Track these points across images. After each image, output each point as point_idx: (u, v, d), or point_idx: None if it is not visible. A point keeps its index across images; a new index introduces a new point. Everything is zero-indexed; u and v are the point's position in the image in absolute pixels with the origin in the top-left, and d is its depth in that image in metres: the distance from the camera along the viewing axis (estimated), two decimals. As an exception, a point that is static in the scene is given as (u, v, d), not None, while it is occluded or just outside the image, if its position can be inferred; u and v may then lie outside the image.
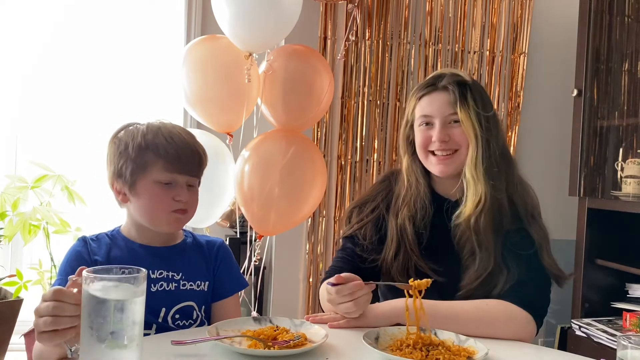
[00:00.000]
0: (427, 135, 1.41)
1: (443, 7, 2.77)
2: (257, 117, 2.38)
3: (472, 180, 1.36)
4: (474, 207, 1.36)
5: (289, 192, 2.20)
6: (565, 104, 2.67)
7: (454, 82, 1.38)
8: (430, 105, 1.40)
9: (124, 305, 0.86)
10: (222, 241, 1.45)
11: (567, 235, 2.45)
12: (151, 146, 1.26)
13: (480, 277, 1.34)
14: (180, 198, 1.28)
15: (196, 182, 1.34)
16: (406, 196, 1.45)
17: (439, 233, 1.42)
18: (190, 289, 1.33)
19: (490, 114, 1.39)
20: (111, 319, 0.86)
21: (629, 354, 0.98)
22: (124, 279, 0.88)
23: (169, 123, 1.34)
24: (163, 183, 1.27)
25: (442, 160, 1.40)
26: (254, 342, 1.10)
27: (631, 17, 2.44)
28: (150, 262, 1.29)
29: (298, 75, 2.25)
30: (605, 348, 2.12)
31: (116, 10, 2.87)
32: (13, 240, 2.58)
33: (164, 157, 1.26)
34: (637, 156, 2.31)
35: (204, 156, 1.35)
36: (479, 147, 1.36)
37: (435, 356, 1.07)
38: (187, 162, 1.29)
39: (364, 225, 1.47)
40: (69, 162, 2.74)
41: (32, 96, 2.83)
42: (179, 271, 1.33)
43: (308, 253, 2.75)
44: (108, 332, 0.86)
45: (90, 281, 0.87)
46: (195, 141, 1.34)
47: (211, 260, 1.40)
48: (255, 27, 2.11)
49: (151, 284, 1.28)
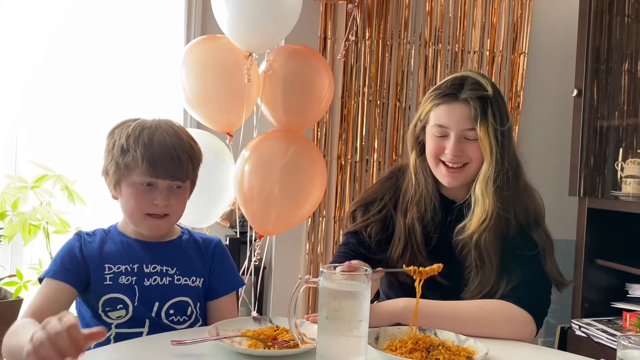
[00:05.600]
0: (440, 145, 1.38)
1: (443, 7, 2.77)
2: (257, 117, 2.38)
3: (481, 197, 1.35)
4: (479, 224, 1.35)
5: (288, 192, 2.20)
6: (565, 104, 2.67)
7: (477, 97, 1.33)
8: (447, 116, 1.36)
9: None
10: (219, 240, 1.45)
11: (567, 235, 2.45)
12: (131, 149, 1.26)
13: (482, 292, 1.34)
14: (157, 202, 1.27)
15: (181, 185, 1.32)
16: (415, 195, 1.44)
17: (446, 236, 1.41)
18: (184, 284, 1.33)
19: (506, 127, 1.36)
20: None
21: (629, 354, 0.98)
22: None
23: (159, 122, 1.32)
24: (143, 185, 1.27)
25: (451, 172, 1.38)
26: (254, 342, 1.10)
27: (631, 17, 2.44)
28: (144, 256, 1.31)
29: (298, 75, 2.25)
30: (605, 348, 2.12)
31: (116, 11, 2.87)
32: (13, 240, 2.58)
33: (142, 161, 1.25)
34: (637, 156, 2.31)
35: (190, 159, 1.32)
36: (492, 165, 1.34)
37: (435, 356, 1.07)
38: (165, 166, 1.27)
39: (370, 223, 1.45)
40: (69, 162, 2.74)
41: (32, 96, 2.82)
42: (173, 266, 1.33)
43: (308, 253, 2.75)
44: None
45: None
46: (180, 144, 1.30)
47: (207, 258, 1.40)
48: (255, 27, 2.11)
49: (144, 277, 1.29)
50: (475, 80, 1.37)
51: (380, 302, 1.36)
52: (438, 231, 1.41)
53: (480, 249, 1.35)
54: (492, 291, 1.34)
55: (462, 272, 1.38)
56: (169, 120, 1.35)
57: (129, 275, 1.29)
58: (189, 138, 1.35)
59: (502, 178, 1.35)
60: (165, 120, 1.34)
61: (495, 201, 1.35)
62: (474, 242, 1.35)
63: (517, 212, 1.38)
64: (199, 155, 1.36)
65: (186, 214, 2.29)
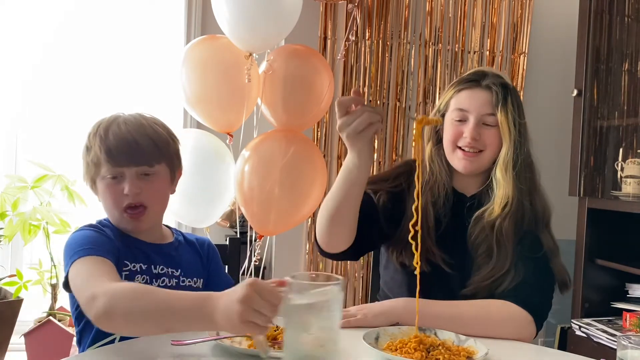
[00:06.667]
0: (459, 130, 1.40)
1: (443, 7, 2.77)
2: (257, 117, 2.38)
3: (503, 180, 1.37)
4: (501, 209, 1.36)
5: (289, 192, 2.20)
6: (565, 104, 2.66)
7: (499, 83, 1.38)
8: (469, 101, 1.40)
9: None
10: (209, 240, 1.46)
11: (567, 235, 2.45)
12: (93, 145, 1.25)
13: (493, 277, 1.34)
14: (127, 191, 1.22)
15: (150, 171, 1.26)
16: (429, 182, 1.45)
17: (454, 226, 1.42)
18: (189, 286, 1.33)
19: (523, 121, 1.41)
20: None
21: (629, 354, 0.98)
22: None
23: (120, 115, 1.29)
24: (111, 179, 1.24)
25: (468, 156, 1.40)
26: (253, 342, 1.09)
27: (631, 17, 2.44)
28: (153, 257, 1.29)
29: (298, 75, 2.25)
30: (605, 348, 2.12)
31: (116, 11, 2.87)
32: (13, 240, 2.58)
33: (101, 154, 1.23)
34: (637, 156, 2.31)
35: (154, 142, 1.26)
36: (511, 149, 1.37)
37: (435, 356, 1.07)
38: (124, 153, 1.22)
39: (380, 190, 1.44)
40: (69, 162, 2.74)
41: (33, 96, 2.83)
42: (177, 267, 1.32)
43: (308, 253, 2.75)
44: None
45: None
46: (140, 129, 1.25)
47: (204, 258, 1.40)
48: (255, 27, 2.11)
49: (154, 278, 1.27)
50: (496, 73, 1.43)
51: (379, 302, 1.36)
52: (448, 218, 1.42)
53: (500, 235, 1.36)
54: (501, 278, 1.34)
55: (468, 262, 1.38)
56: (137, 112, 1.31)
57: (144, 274, 1.26)
58: (154, 123, 1.30)
59: (521, 165, 1.38)
60: (133, 112, 1.31)
61: (515, 187, 1.37)
62: (496, 227, 1.36)
63: (533, 205, 1.40)
64: (166, 137, 1.30)
65: (186, 214, 2.32)
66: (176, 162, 1.34)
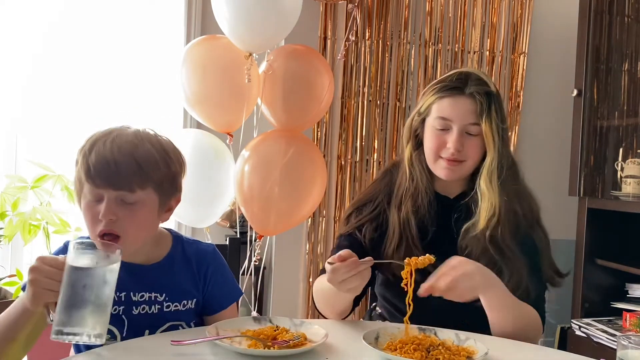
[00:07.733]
0: (442, 140, 1.37)
1: (443, 7, 2.77)
2: (257, 117, 2.38)
3: (487, 191, 1.35)
4: (488, 220, 1.34)
5: (289, 192, 2.20)
6: (565, 104, 2.67)
7: (483, 92, 1.34)
8: (452, 109, 1.36)
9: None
10: (213, 250, 1.33)
11: (567, 235, 2.45)
12: (79, 160, 1.16)
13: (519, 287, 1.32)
14: (101, 216, 1.10)
15: (132, 198, 1.12)
16: (409, 188, 1.43)
17: (442, 231, 1.41)
18: (175, 310, 1.24)
19: (505, 126, 1.38)
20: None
21: (629, 354, 0.98)
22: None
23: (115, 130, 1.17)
24: (92, 200, 1.13)
25: (451, 165, 1.37)
26: (253, 342, 1.09)
27: (631, 17, 2.44)
28: (130, 284, 1.19)
29: (298, 75, 2.25)
30: (605, 348, 2.12)
31: (116, 10, 2.87)
32: (13, 240, 2.58)
33: (82, 172, 1.13)
34: (637, 156, 2.31)
35: (140, 166, 1.12)
36: (495, 158, 1.35)
37: (435, 356, 1.07)
38: (102, 174, 1.10)
39: (364, 223, 1.44)
40: (69, 162, 2.73)
41: (32, 96, 2.82)
42: (162, 292, 1.22)
43: (308, 253, 2.75)
44: None
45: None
46: (129, 149, 1.12)
47: (200, 278, 1.28)
48: (255, 27, 2.11)
49: (133, 306, 1.20)
50: (479, 77, 1.38)
51: (469, 273, 1.25)
52: (434, 225, 1.41)
53: (498, 244, 1.34)
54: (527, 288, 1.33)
55: None
56: (140, 128, 1.19)
57: (116, 305, 1.16)
58: (150, 143, 1.16)
59: (505, 173, 1.36)
60: (135, 128, 1.18)
61: (500, 195, 1.35)
62: (489, 238, 1.34)
63: (522, 208, 1.39)
64: (156, 160, 1.15)
65: (186, 214, 2.32)
66: (168, 188, 1.19)
